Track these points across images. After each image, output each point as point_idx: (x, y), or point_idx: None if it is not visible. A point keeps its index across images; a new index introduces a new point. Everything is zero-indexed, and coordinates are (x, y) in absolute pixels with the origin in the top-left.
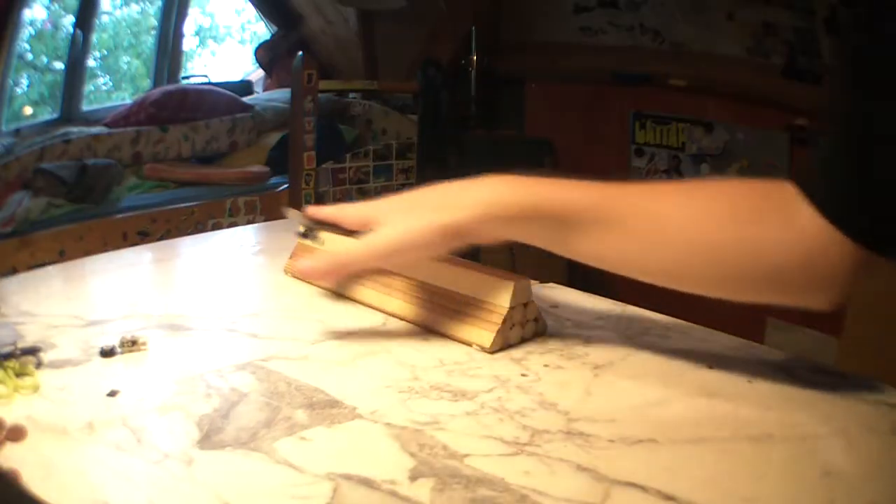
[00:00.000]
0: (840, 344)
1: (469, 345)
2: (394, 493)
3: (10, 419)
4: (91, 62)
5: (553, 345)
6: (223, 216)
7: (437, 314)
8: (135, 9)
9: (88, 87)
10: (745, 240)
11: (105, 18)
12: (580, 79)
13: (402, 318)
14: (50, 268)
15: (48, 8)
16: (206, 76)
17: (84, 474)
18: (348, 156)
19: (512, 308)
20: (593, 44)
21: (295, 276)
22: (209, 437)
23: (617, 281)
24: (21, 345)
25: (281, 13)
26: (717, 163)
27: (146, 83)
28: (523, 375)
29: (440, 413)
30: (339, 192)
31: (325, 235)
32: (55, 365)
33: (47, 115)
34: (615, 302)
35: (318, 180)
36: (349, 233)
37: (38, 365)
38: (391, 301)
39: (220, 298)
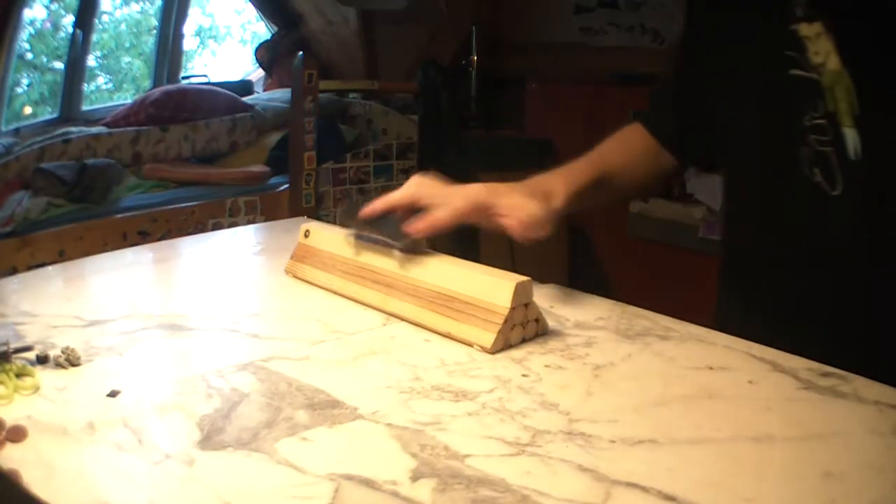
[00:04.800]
0: None
1: (470, 345)
2: (395, 494)
3: (11, 419)
4: (91, 62)
5: (554, 345)
6: (224, 216)
7: (438, 314)
8: (135, 8)
9: (89, 88)
10: (642, 163)
11: (105, 18)
12: (581, 79)
13: (402, 319)
14: (50, 268)
15: (48, 7)
16: (206, 76)
17: (85, 475)
18: (349, 156)
19: (513, 308)
20: (594, 44)
21: (294, 276)
22: (210, 438)
23: (617, 281)
24: (15, 344)
25: (281, 13)
26: None
27: (147, 84)
28: (524, 376)
29: (441, 413)
30: (339, 193)
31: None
32: (55, 365)
33: (47, 114)
34: (615, 302)
35: (318, 180)
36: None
37: (33, 363)
38: (392, 301)
39: (220, 299)
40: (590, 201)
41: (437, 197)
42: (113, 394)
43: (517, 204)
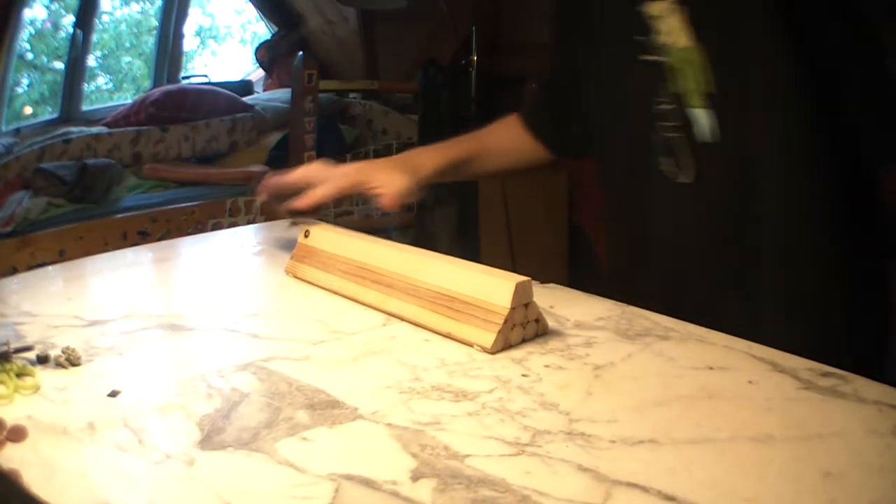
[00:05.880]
0: None
1: (470, 345)
2: (395, 494)
3: (11, 419)
4: (91, 62)
5: (554, 345)
6: (223, 216)
7: (438, 314)
8: (135, 8)
9: (89, 88)
10: (515, 149)
11: (105, 19)
12: None
13: (402, 319)
14: (50, 268)
15: (48, 7)
16: (206, 76)
17: (85, 475)
18: (348, 156)
19: (513, 308)
20: None
21: (294, 276)
22: (210, 438)
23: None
24: (15, 344)
25: (281, 13)
26: None
27: (148, 84)
28: (524, 376)
29: (441, 413)
30: None
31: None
32: (55, 365)
33: (47, 114)
34: (615, 302)
35: None
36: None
37: (34, 363)
38: (392, 301)
39: (220, 298)
40: (459, 174)
41: (320, 178)
42: (113, 394)
43: (388, 178)
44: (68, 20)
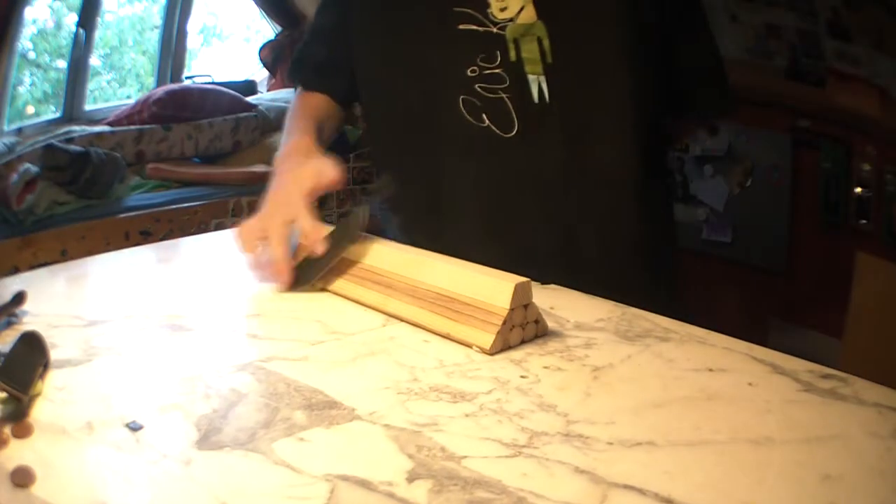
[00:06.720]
0: (843, 346)
1: (469, 346)
2: (391, 495)
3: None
4: (95, 60)
5: (553, 346)
6: (226, 216)
7: (437, 315)
8: (139, 7)
9: (92, 85)
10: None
11: (108, 18)
12: None
13: (401, 320)
14: (52, 267)
15: (51, 7)
16: (209, 75)
17: (83, 474)
18: (352, 156)
19: (512, 309)
20: None
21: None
22: (208, 438)
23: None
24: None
25: (284, 13)
26: (721, 164)
27: (151, 81)
28: (523, 377)
29: (439, 414)
30: (342, 193)
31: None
32: (55, 365)
33: (50, 113)
34: (615, 303)
35: None
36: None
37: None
38: (391, 302)
39: (220, 299)
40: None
41: (264, 236)
42: (135, 427)
43: (303, 209)
44: (71, 19)
